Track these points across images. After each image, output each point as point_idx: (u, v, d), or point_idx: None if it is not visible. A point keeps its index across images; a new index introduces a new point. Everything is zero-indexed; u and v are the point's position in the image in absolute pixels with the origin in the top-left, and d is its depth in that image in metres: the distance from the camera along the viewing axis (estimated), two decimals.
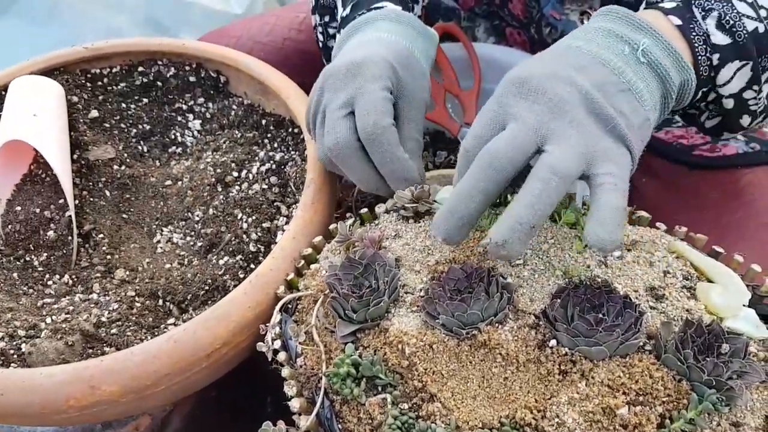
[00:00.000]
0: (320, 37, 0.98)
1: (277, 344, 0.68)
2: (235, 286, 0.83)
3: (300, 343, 0.67)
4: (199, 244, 0.91)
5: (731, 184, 0.90)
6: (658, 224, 0.72)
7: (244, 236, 0.88)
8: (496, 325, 0.61)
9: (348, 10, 0.85)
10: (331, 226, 0.78)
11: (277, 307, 0.70)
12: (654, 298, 0.63)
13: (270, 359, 0.66)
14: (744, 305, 0.63)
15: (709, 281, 0.66)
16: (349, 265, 0.67)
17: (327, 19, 0.95)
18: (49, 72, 1.02)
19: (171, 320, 0.83)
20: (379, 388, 0.62)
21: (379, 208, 0.78)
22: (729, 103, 0.71)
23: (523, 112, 0.60)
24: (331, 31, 0.95)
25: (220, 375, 0.78)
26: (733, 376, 0.57)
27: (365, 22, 0.80)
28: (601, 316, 0.59)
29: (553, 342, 0.60)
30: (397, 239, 0.72)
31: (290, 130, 0.98)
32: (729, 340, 0.58)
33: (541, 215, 0.56)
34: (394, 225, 0.74)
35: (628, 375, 0.57)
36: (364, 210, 0.78)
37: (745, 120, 0.72)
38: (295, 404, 0.63)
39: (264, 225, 0.88)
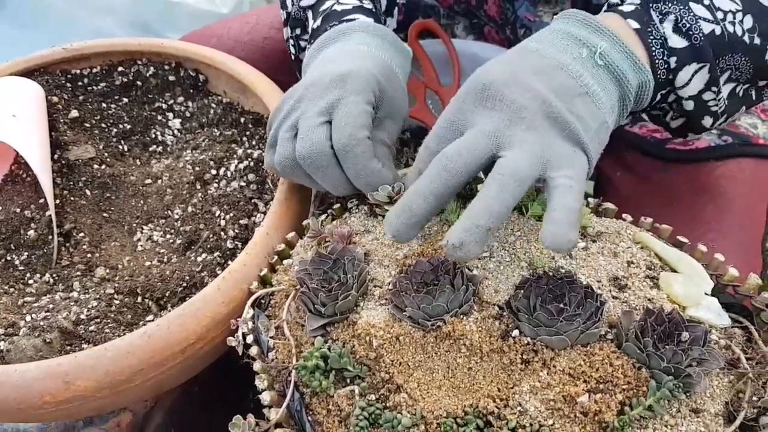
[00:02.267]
0: (292, 50, 0.97)
1: (250, 339, 0.69)
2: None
3: (271, 337, 0.68)
4: (179, 241, 0.92)
5: (703, 177, 0.91)
6: (624, 215, 0.73)
7: (222, 233, 0.89)
8: (461, 316, 0.62)
9: (319, 21, 0.84)
10: (304, 222, 0.79)
11: (249, 302, 0.71)
12: (617, 288, 0.64)
13: (241, 353, 0.67)
14: (706, 294, 0.65)
15: (673, 271, 0.67)
16: (319, 260, 0.68)
17: (298, 32, 0.94)
18: (29, 73, 1.03)
19: (149, 317, 0.84)
20: (348, 380, 0.63)
21: (351, 203, 0.79)
22: (689, 105, 0.72)
23: (481, 119, 0.62)
24: (302, 44, 0.94)
25: (197, 370, 0.79)
26: (693, 363, 0.58)
27: (341, 33, 0.79)
28: (562, 306, 0.60)
29: (515, 332, 0.61)
30: (366, 234, 0.73)
31: None
32: (689, 328, 0.59)
33: (498, 218, 0.57)
34: (364, 220, 0.75)
35: (588, 363, 0.59)
36: (337, 205, 0.79)
37: (707, 121, 0.73)
38: (265, 397, 0.64)
39: (241, 222, 0.89)
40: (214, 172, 0.96)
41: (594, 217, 0.72)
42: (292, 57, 1.01)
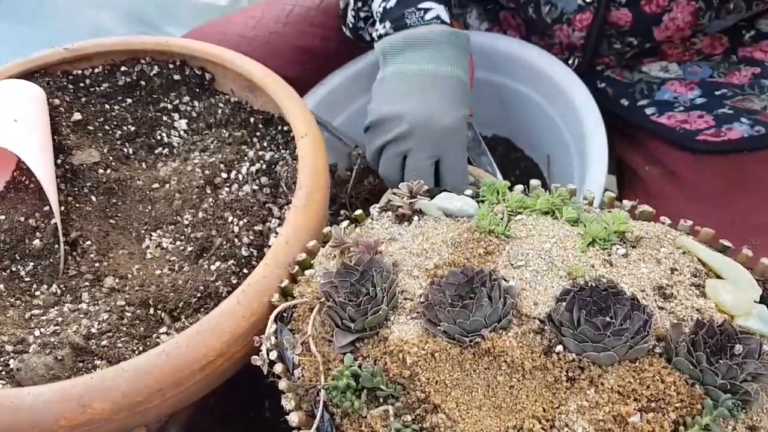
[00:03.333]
0: (351, 19, 1.07)
1: (273, 355, 0.65)
2: (228, 292, 0.80)
3: (297, 354, 0.64)
4: (190, 248, 0.88)
5: (736, 170, 0.87)
6: (662, 218, 0.70)
7: (236, 240, 0.85)
8: (500, 331, 0.59)
9: (393, 2, 0.94)
10: (325, 230, 0.75)
11: (272, 317, 0.67)
12: (662, 297, 0.61)
13: (266, 372, 0.64)
14: (755, 302, 0.61)
15: (718, 277, 0.64)
16: (345, 272, 0.65)
17: (360, 4, 1.03)
18: (30, 75, 0.98)
19: (163, 329, 0.81)
20: (381, 400, 0.60)
21: (373, 209, 0.75)
22: None
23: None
24: (362, 14, 1.03)
25: (216, 385, 0.75)
26: (748, 378, 0.55)
27: (427, 41, 0.92)
28: (608, 319, 0.56)
29: (559, 348, 0.57)
30: (393, 243, 0.69)
31: (279, 128, 0.95)
32: (742, 340, 0.56)
33: None
34: (390, 227, 0.71)
35: (638, 380, 0.55)
36: (359, 211, 0.75)
37: None
38: (293, 418, 0.61)
39: (256, 228, 0.86)
40: (224, 175, 0.92)
41: (631, 221, 0.68)
42: (349, 25, 1.08)
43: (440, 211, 0.71)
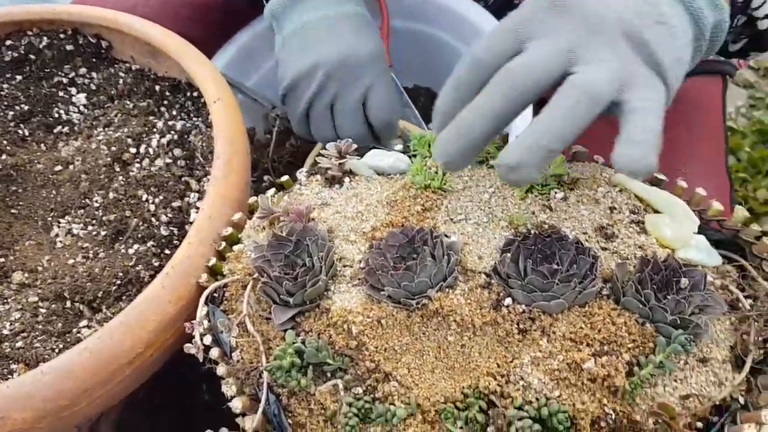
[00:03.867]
0: None
1: (208, 340, 0.61)
2: (150, 276, 0.75)
3: (233, 336, 0.60)
4: (103, 233, 0.81)
5: None
6: (596, 157, 0.68)
7: (153, 219, 0.79)
8: (447, 290, 0.56)
9: None
10: (251, 200, 0.71)
11: (202, 299, 0.63)
12: (604, 237, 0.60)
13: (202, 359, 0.59)
14: (694, 233, 0.61)
15: (656, 212, 0.63)
16: (277, 244, 0.61)
17: None
18: None
19: (83, 323, 0.74)
20: (329, 375, 0.57)
21: (300, 173, 0.71)
22: (764, 24, 0.69)
23: (554, 28, 0.53)
24: None
25: (148, 377, 0.70)
26: (696, 311, 0.54)
27: None
28: (555, 266, 0.55)
29: (508, 300, 0.56)
30: (325, 208, 0.66)
31: (188, 94, 0.89)
32: (686, 273, 0.56)
33: (563, 139, 0.49)
34: (320, 192, 0.67)
35: (589, 325, 0.54)
36: (285, 177, 0.71)
37: None
38: (236, 404, 0.57)
39: (174, 204, 0.80)
40: (133, 150, 0.85)
41: (566, 163, 0.67)
42: None
43: (371, 169, 0.67)
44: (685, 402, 0.53)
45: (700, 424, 0.53)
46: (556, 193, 0.62)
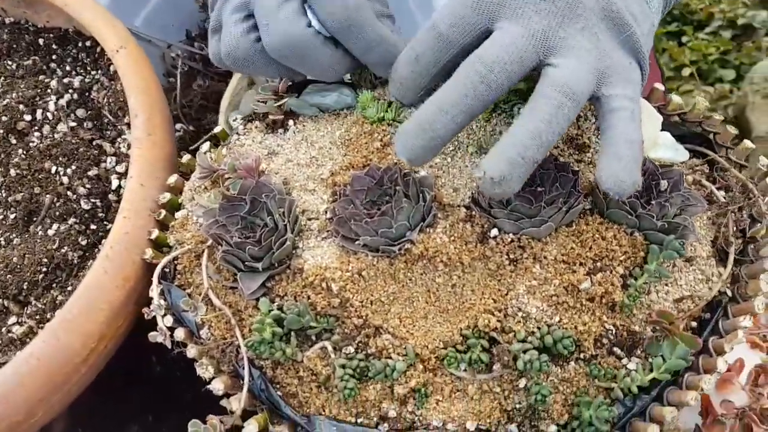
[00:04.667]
0: None
1: (169, 321, 0.55)
2: (79, 257, 0.67)
3: (201, 314, 0.54)
4: (12, 216, 0.72)
5: None
6: None
7: (69, 193, 0.70)
8: (428, 230, 0.52)
9: None
10: (184, 159, 0.63)
11: (155, 278, 0.56)
12: (576, 149, 0.57)
13: (170, 345, 0.54)
14: (659, 131, 0.59)
15: None
16: (229, 206, 0.54)
17: None
18: None
19: (11, 320, 0.66)
20: (313, 338, 0.53)
21: (235, 120, 0.63)
22: None
23: (526, 9, 0.47)
24: None
25: (102, 367, 0.64)
26: (678, 212, 0.53)
27: None
28: (538, 189, 0.52)
29: (494, 231, 0.52)
30: (274, 157, 0.59)
31: (80, 44, 0.78)
32: (664, 174, 0.54)
33: (547, 147, 0.45)
34: (263, 140, 0.61)
35: (580, 244, 0.52)
36: (218, 128, 0.64)
37: None
38: (217, 386, 0.52)
39: (90, 173, 0.71)
40: (28, 117, 0.74)
41: None
42: None
43: (314, 107, 0.61)
44: (679, 305, 0.53)
45: (694, 324, 0.53)
46: (519, 108, 0.59)
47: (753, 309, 0.51)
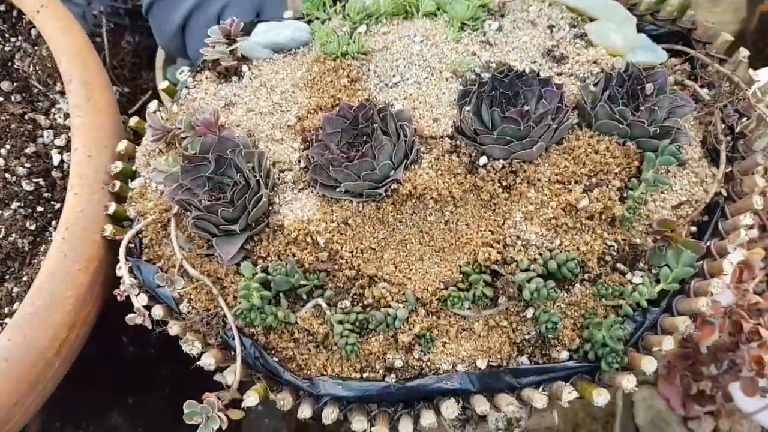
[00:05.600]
0: None
1: (144, 300, 0.51)
2: (30, 244, 0.61)
3: (178, 288, 0.50)
4: None
5: None
6: None
7: (7, 175, 0.64)
8: (413, 167, 0.49)
9: None
10: (131, 121, 0.58)
11: (122, 255, 0.51)
12: (554, 61, 0.54)
13: (152, 327, 0.49)
14: (635, 33, 0.57)
15: (591, 19, 0.57)
16: (192, 167, 0.50)
17: None
18: None
19: None
20: (305, 297, 0.49)
21: (181, 73, 0.58)
22: None
23: None
24: None
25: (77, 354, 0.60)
26: (668, 115, 0.51)
27: None
28: (525, 108, 0.48)
29: (483, 159, 0.49)
30: (233, 108, 0.54)
31: None
32: (648, 78, 0.52)
33: None
34: (218, 90, 0.56)
35: (573, 160, 0.49)
36: (164, 83, 0.58)
37: None
38: (208, 361, 0.48)
39: (27, 150, 0.64)
40: None
41: None
42: None
43: (268, 49, 0.56)
44: (677, 211, 0.51)
45: (694, 229, 0.52)
46: (490, 24, 0.55)
47: (752, 206, 0.50)
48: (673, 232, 0.49)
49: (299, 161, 0.51)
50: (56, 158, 0.63)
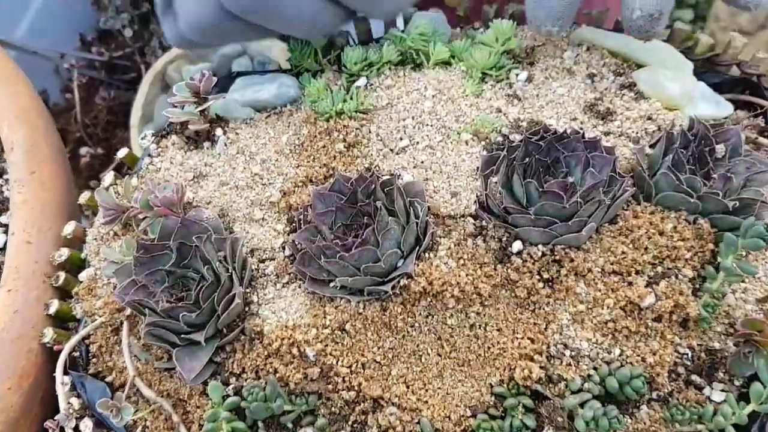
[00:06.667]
0: None
1: (88, 426, 0.40)
2: None
3: (129, 416, 0.39)
4: None
5: None
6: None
7: None
8: (427, 255, 0.38)
9: None
10: (82, 197, 0.47)
11: (59, 369, 0.41)
12: (599, 117, 0.44)
13: None
14: (693, 80, 0.47)
15: (639, 65, 0.47)
16: (149, 258, 0.39)
17: None
18: None
19: None
20: (290, 426, 0.38)
21: (144, 138, 0.48)
22: None
23: None
24: None
25: None
26: (744, 183, 0.40)
27: None
28: (568, 179, 0.38)
29: (516, 245, 0.38)
30: (203, 181, 0.44)
31: None
32: (717, 136, 0.41)
33: None
34: (185, 159, 0.45)
35: (632, 245, 0.39)
36: (123, 150, 0.48)
37: None
38: None
39: None
40: None
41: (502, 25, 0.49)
42: None
43: (249, 108, 0.46)
44: (764, 305, 0.40)
45: None
46: (517, 74, 0.45)
47: None
48: (762, 334, 0.38)
49: (284, 248, 0.40)
50: (9, 247, 0.53)
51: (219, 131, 0.45)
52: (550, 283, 0.38)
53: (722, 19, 1.27)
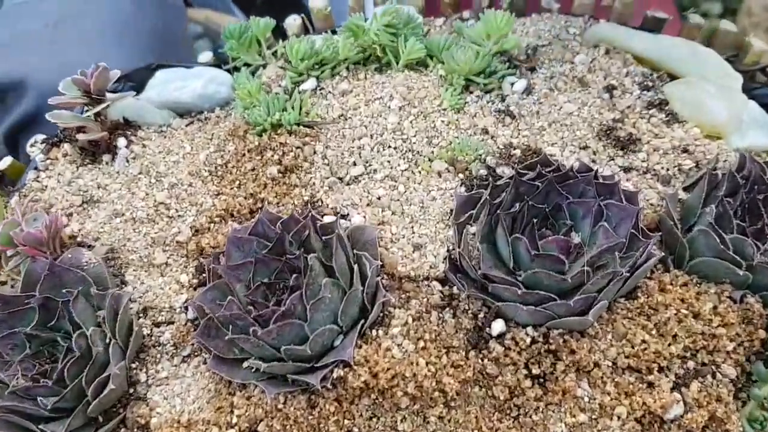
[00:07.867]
0: None
1: None
2: None
3: None
4: None
5: None
6: (549, 4, 0.40)
7: None
8: (374, 332, 0.28)
9: None
10: None
11: None
12: (618, 146, 0.33)
13: None
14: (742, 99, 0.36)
15: (672, 76, 0.37)
16: (6, 316, 0.29)
17: None
18: None
19: None
20: None
21: (33, 146, 0.37)
22: None
23: None
24: None
25: None
26: None
27: None
28: (574, 238, 0.28)
29: (497, 325, 0.28)
30: (92, 208, 0.34)
31: None
32: None
33: None
34: (75, 177, 0.35)
35: (656, 329, 0.28)
36: (6, 159, 0.38)
37: None
38: None
39: None
40: None
41: (499, 15, 0.38)
42: None
43: (166, 110, 0.36)
44: None
45: None
46: (513, 83, 0.34)
47: None
48: None
49: (186, 308, 0.30)
50: None
51: (122, 141, 0.35)
52: (542, 382, 0.28)
53: (756, 14, 1.14)
